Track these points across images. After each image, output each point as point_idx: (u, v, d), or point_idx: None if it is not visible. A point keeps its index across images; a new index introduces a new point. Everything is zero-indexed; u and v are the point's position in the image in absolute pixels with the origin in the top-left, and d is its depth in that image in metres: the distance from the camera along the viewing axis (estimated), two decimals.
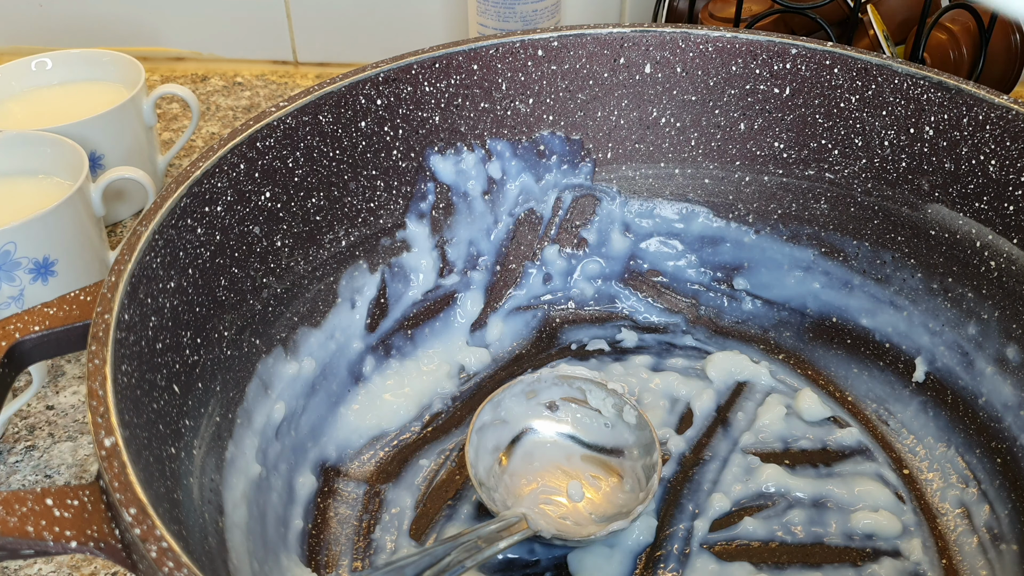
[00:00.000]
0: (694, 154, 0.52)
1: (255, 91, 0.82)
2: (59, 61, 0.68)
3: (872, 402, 0.49)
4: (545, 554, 0.43)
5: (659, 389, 0.50)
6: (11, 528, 0.27)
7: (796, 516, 0.44)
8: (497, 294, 0.53)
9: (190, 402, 0.37)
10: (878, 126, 0.48)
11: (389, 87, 0.47)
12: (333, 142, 0.45)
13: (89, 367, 0.30)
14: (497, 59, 0.49)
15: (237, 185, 0.41)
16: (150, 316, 0.35)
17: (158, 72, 0.85)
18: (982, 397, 0.45)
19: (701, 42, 0.50)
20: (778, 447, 0.48)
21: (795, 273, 0.52)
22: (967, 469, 0.45)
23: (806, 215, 0.51)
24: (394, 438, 0.48)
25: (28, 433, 0.51)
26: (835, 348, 0.51)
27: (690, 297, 0.55)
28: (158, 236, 0.36)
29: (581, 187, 0.53)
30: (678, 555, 0.42)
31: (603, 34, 0.50)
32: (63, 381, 0.54)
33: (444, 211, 0.50)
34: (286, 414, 0.43)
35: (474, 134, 0.50)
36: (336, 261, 0.47)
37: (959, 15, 0.66)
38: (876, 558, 0.42)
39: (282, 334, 0.44)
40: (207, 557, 0.33)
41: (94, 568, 0.44)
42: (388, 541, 0.43)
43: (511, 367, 0.52)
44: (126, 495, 0.27)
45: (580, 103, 0.51)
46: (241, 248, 0.42)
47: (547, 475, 0.45)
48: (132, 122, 0.65)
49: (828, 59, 0.48)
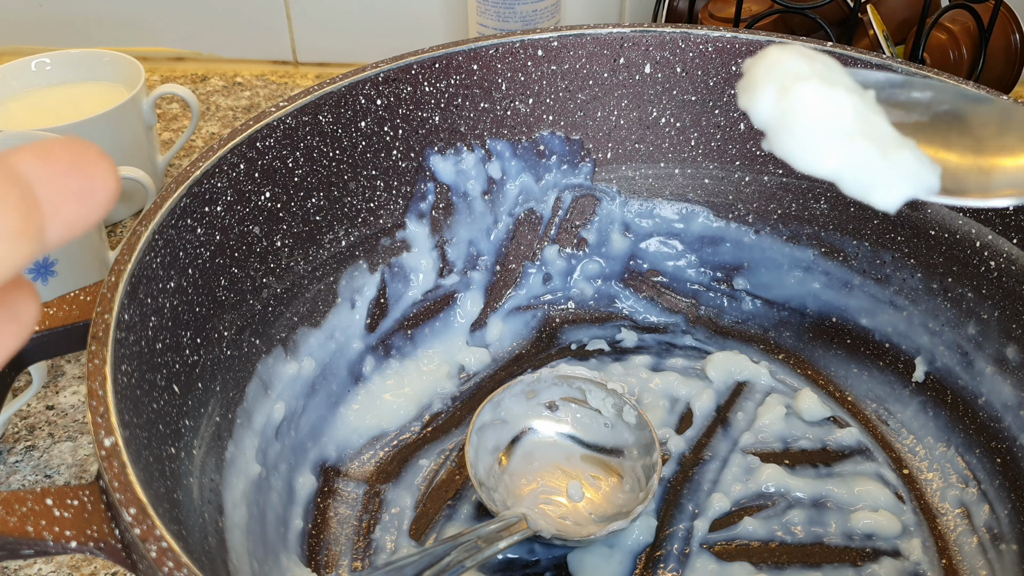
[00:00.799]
0: (694, 154, 0.52)
1: (255, 91, 0.82)
2: (59, 61, 0.68)
3: (872, 402, 0.49)
4: (545, 554, 0.43)
5: (659, 389, 0.50)
6: (11, 528, 0.27)
7: (796, 516, 0.44)
8: (497, 294, 0.53)
9: (190, 402, 0.37)
10: None
11: (389, 87, 0.47)
12: (333, 142, 0.45)
13: (89, 367, 0.30)
14: (497, 59, 0.49)
15: (237, 185, 0.41)
16: (150, 316, 0.35)
17: (158, 72, 0.85)
18: (982, 397, 0.45)
19: (701, 42, 0.50)
20: (778, 447, 0.48)
21: (795, 273, 0.52)
22: (967, 469, 0.45)
23: (806, 215, 0.51)
24: (394, 438, 0.48)
25: (28, 433, 0.51)
26: (835, 348, 0.51)
27: (690, 297, 0.55)
28: (158, 236, 0.36)
29: (581, 187, 0.53)
30: (678, 555, 0.42)
31: (603, 34, 0.50)
32: (63, 381, 0.54)
33: (444, 211, 0.50)
34: (286, 414, 0.43)
35: (474, 134, 0.50)
36: (336, 261, 0.47)
37: (959, 15, 0.66)
38: (876, 558, 0.42)
39: (282, 334, 0.44)
40: (207, 557, 0.33)
41: (94, 568, 0.44)
42: (388, 541, 0.43)
43: (511, 367, 0.52)
44: (126, 495, 0.27)
45: (580, 103, 0.51)
46: (241, 248, 0.42)
47: (547, 475, 0.45)
48: (132, 122, 0.65)
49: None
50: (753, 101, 0.23)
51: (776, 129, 0.23)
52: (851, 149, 0.23)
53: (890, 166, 0.23)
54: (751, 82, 0.24)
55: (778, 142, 0.24)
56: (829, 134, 0.23)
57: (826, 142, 0.23)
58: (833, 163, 0.23)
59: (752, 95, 0.24)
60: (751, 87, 0.24)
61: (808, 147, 0.23)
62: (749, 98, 0.24)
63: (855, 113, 0.23)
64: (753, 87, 0.24)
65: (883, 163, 0.23)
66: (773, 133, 0.24)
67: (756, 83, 0.24)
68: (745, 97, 0.24)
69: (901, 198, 0.24)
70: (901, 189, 0.24)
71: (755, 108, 0.24)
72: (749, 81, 0.24)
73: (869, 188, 0.23)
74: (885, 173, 0.23)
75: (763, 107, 0.23)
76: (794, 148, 0.23)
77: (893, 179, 0.23)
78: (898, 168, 0.23)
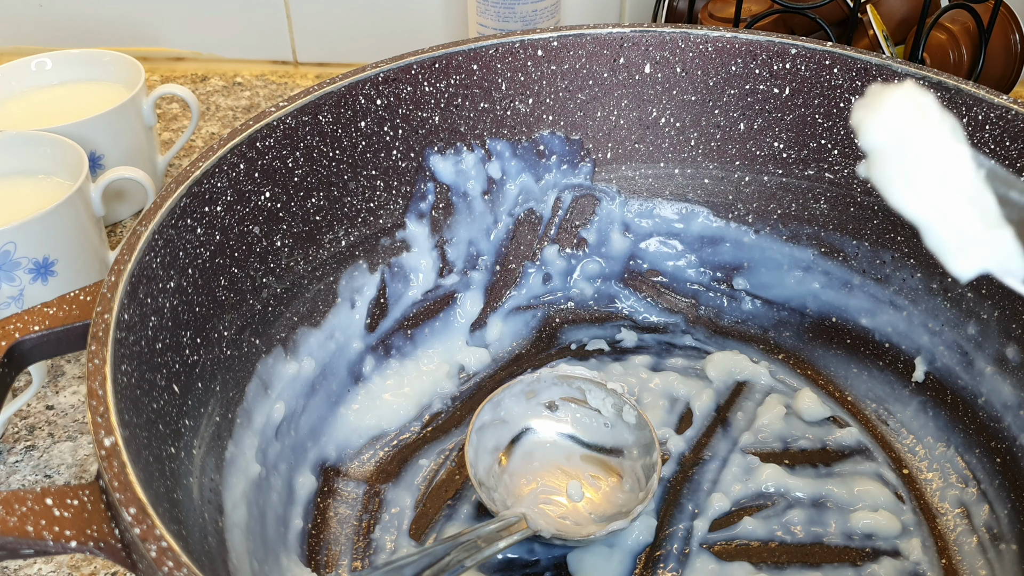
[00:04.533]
0: (694, 154, 0.53)
1: (255, 91, 0.82)
2: (59, 61, 0.68)
3: (872, 402, 0.49)
4: (545, 554, 0.43)
5: (659, 389, 0.50)
6: (11, 528, 0.27)
7: (796, 516, 0.44)
8: (497, 294, 0.53)
9: (190, 402, 0.37)
10: None
11: (389, 87, 0.47)
12: (333, 142, 0.45)
13: (89, 367, 0.30)
14: (497, 59, 0.49)
15: (237, 185, 0.41)
16: (150, 316, 0.35)
17: (158, 72, 0.85)
18: (982, 397, 0.45)
19: (701, 42, 0.50)
20: (778, 447, 0.48)
21: (795, 273, 0.52)
22: (967, 469, 0.45)
23: (806, 215, 0.51)
24: (394, 438, 0.48)
25: (28, 433, 0.51)
26: (835, 348, 0.51)
27: (690, 297, 0.55)
28: (158, 236, 0.36)
29: (581, 187, 0.53)
30: (678, 555, 0.42)
31: (603, 34, 0.50)
32: (63, 381, 0.54)
33: (444, 211, 0.50)
34: (286, 414, 0.43)
35: (474, 134, 0.50)
36: (336, 261, 0.47)
37: (959, 15, 0.66)
38: (876, 558, 0.42)
39: (282, 334, 0.44)
40: (207, 557, 0.33)
41: (94, 568, 0.44)
42: (388, 541, 0.43)
43: (511, 367, 0.52)
44: (126, 495, 0.27)
45: (580, 103, 0.51)
46: (241, 248, 0.42)
47: (547, 475, 0.45)
48: (132, 122, 0.65)
49: (828, 59, 0.48)
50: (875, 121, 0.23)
51: (885, 157, 0.23)
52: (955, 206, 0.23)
53: (985, 239, 0.23)
54: (880, 103, 0.23)
55: (880, 169, 0.23)
56: (939, 184, 0.23)
57: (933, 190, 0.23)
58: (930, 212, 0.23)
59: (877, 115, 0.23)
60: (878, 107, 0.23)
61: (912, 186, 0.23)
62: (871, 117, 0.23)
63: (970, 177, 0.23)
64: (881, 108, 0.23)
65: (979, 233, 0.23)
66: (879, 159, 0.23)
67: (886, 106, 0.23)
68: (864, 114, 0.23)
69: (979, 271, 0.23)
70: (984, 263, 0.23)
71: (873, 129, 0.23)
72: (878, 101, 0.23)
73: (953, 250, 0.23)
74: (976, 243, 0.23)
75: (884, 131, 0.23)
76: (896, 181, 0.23)
77: (981, 252, 0.23)
78: (991, 244, 0.23)
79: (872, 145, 0.23)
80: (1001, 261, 0.23)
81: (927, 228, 0.23)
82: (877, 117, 0.23)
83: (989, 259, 0.23)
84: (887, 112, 0.23)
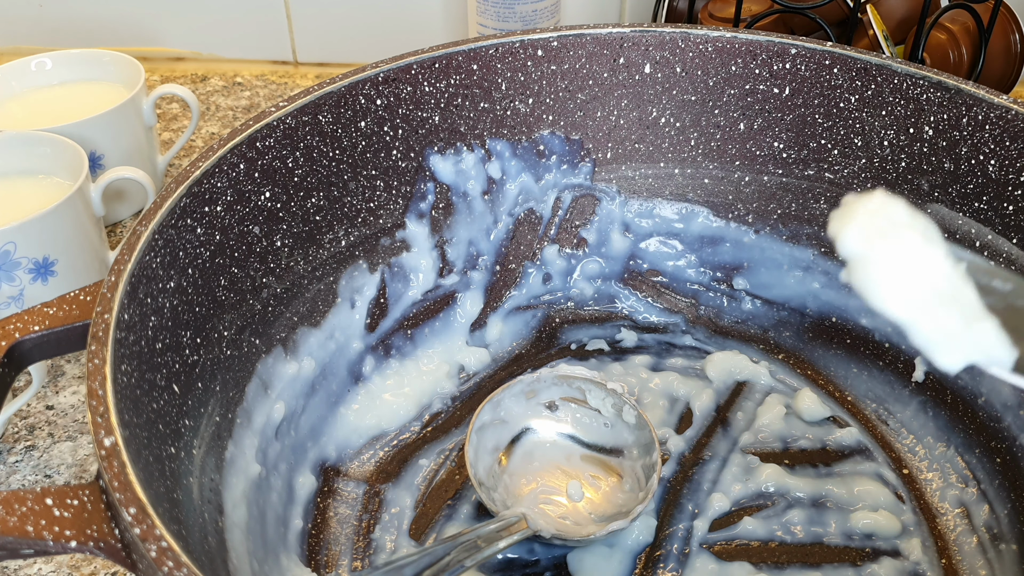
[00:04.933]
0: (694, 154, 0.53)
1: (255, 91, 0.82)
2: (59, 61, 0.68)
3: (871, 402, 0.49)
4: (545, 554, 0.43)
5: (659, 389, 0.50)
6: (11, 528, 0.27)
7: (796, 516, 0.44)
8: (497, 294, 0.53)
9: (190, 402, 0.37)
10: (878, 126, 0.48)
11: (389, 87, 0.47)
12: (333, 142, 0.45)
13: (89, 367, 0.30)
14: (497, 59, 0.49)
15: (237, 185, 0.41)
16: (150, 316, 0.35)
17: (158, 72, 0.85)
18: (982, 397, 0.45)
19: (701, 42, 0.50)
20: (777, 447, 0.48)
21: (795, 273, 0.52)
22: (967, 469, 0.45)
23: (806, 215, 0.51)
24: (394, 438, 0.48)
25: (28, 433, 0.51)
26: (835, 348, 0.51)
27: (690, 297, 0.55)
28: (158, 236, 0.36)
29: (581, 187, 0.53)
30: (678, 555, 0.42)
31: (603, 34, 0.50)
32: (63, 381, 0.54)
33: (444, 211, 0.50)
34: (286, 414, 0.43)
35: (474, 134, 0.50)
36: (336, 261, 0.47)
37: (959, 15, 0.66)
38: (876, 558, 0.42)
39: (282, 334, 0.44)
40: (207, 557, 0.33)
41: (94, 568, 0.44)
42: (388, 541, 0.43)
43: (511, 367, 0.52)
44: (126, 495, 0.27)
45: (580, 103, 0.51)
46: (241, 248, 0.42)
47: (547, 475, 0.45)
48: (132, 122, 0.65)
49: (828, 59, 0.48)
50: (848, 232, 0.24)
51: (863, 264, 0.24)
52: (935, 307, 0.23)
53: (968, 335, 0.23)
54: (851, 214, 0.24)
55: (859, 275, 0.24)
56: (917, 286, 0.23)
57: (911, 293, 0.23)
58: (911, 314, 0.23)
59: (849, 226, 0.24)
60: (850, 218, 0.24)
61: (892, 291, 0.23)
62: (844, 228, 0.24)
63: (947, 275, 0.24)
64: (852, 219, 0.24)
65: (962, 330, 0.23)
66: (858, 266, 0.24)
67: (857, 216, 0.24)
68: (840, 226, 0.24)
69: (965, 364, 0.24)
70: (970, 356, 0.24)
71: (848, 239, 0.24)
72: (849, 213, 0.24)
73: (938, 347, 0.24)
74: (960, 339, 0.23)
75: (857, 241, 0.24)
76: (875, 287, 0.24)
77: (965, 346, 0.24)
78: (975, 338, 0.24)
79: (849, 254, 0.24)
80: (986, 353, 0.24)
81: (910, 328, 0.24)
82: (850, 229, 0.24)
83: (973, 353, 0.24)
84: (858, 224, 0.24)
